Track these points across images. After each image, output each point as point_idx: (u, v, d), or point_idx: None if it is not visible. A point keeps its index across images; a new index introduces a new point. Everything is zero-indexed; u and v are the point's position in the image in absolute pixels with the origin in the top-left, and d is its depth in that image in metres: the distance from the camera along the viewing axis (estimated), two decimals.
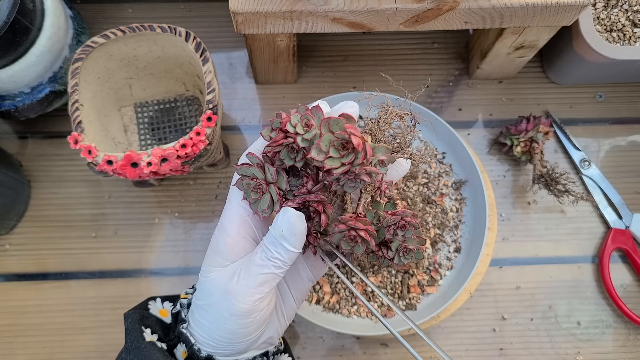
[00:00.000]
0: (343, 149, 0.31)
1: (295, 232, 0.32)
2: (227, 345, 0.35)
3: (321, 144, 0.30)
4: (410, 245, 0.33)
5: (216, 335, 0.35)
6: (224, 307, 0.33)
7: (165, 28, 0.53)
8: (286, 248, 0.32)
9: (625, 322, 0.61)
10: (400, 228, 0.33)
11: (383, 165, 0.32)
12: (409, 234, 0.33)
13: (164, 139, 0.63)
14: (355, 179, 0.31)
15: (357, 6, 0.47)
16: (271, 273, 0.33)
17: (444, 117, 0.66)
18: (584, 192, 0.65)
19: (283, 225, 0.32)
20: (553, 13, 0.49)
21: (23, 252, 0.62)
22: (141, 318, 0.38)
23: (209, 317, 0.35)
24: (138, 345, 0.35)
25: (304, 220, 0.32)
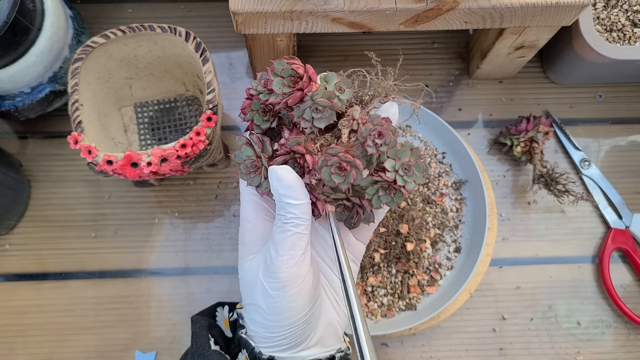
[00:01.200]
0: (293, 82, 0.32)
1: (290, 185, 0.32)
2: (284, 333, 0.34)
3: (274, 87, 0.32)
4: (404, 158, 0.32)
5: (269, 321, 0.34)
6: (267, 287, 0.33)
7: (165, 28, 0.53)
8: (291, 204, 0.32)
9: (625, 322, 0.61)
10: (378, 136, 0.32)
11: (342, 90, 0.33)
12: (388, 139, 0.32)
13: (164, 139, 0.63)
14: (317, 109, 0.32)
15: (357, 6, 0.47)
16: (294, 233, 0.32)
17: (444, 117, 0.66)
18: (584, 192, 0.65)
19: (274, 184, 0.32)
20: (553, 13, 0.49)
21: (23, 252, 0.62)
22: (209, 326, 0.38)
23: (258, 308, 0.34)
24: (204, 352, 0.36)
25: (292, 170, 0.32)
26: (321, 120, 0.32)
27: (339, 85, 0.33)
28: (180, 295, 0.61)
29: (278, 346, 0.35)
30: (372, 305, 0.58)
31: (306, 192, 0.33)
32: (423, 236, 0.59)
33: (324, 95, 0.32)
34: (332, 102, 0.32)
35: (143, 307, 0.61)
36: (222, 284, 0.61)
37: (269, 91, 0.33)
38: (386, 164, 0.32)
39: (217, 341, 0.38)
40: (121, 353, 0.60)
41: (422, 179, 0.32)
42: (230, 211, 0.64)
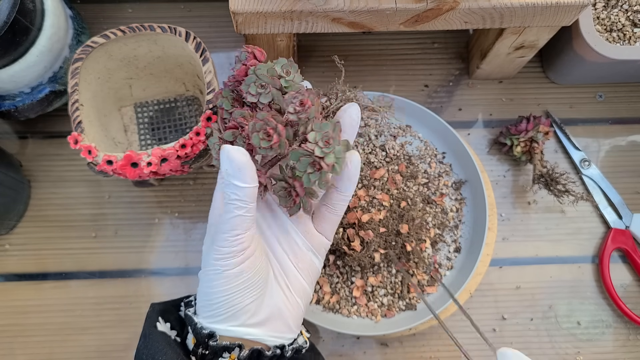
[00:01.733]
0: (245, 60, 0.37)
1: (239, 166, 0.32)
2: (220, 297, 0.35)
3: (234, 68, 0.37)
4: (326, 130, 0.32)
5: (209, 288, 0.35)
6: (211, 257, 0.35)
7: (165, 28, 0.53)
8: (237, 185, 0.32)
9: (625, 322, 0.61)
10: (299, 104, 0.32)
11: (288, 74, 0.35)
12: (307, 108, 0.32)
13: (164, 139, 0.63)
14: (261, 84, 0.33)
15: (357, 6, 0.47)
16: (236, 216, 0.33)
17: (444, 117, 0.66)
18: (584, 192, 0.65)
19: (224, 163, 0.33)
20: (553, 13, 0.49)
21: (23, 252, 0.62)
22: (163, 311, 0.40)
23: (204, 277, 0.36)
24: (148, 332, 0.37)
25: (245, 152, 0.32)
26: (265, 97, 0.33)
27: (286, 68, 0.34)
28: (180, 295, 0.61)
29: (216, 315, 0.36)
30: (372, 305, 0.58)
31: (254, 177, 0.33)
32: (423, 236, 0.59)
33: (265, 70, 0.33)
34: (273, 78, 0.33)
35: (143, 307, 0.61)
36: None
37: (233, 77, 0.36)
38: (308, 136, 0.32)
39: (174, 326, 0.39)
40: (121, 353, 0.60)
41: (340, 154, 0.32)
42: None
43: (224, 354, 0.36)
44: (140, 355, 0.36)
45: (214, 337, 0.36)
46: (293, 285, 0.38)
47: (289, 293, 0.38)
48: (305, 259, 0.38)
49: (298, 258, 0.38)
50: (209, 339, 0.36)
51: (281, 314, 0.37)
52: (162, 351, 0.35)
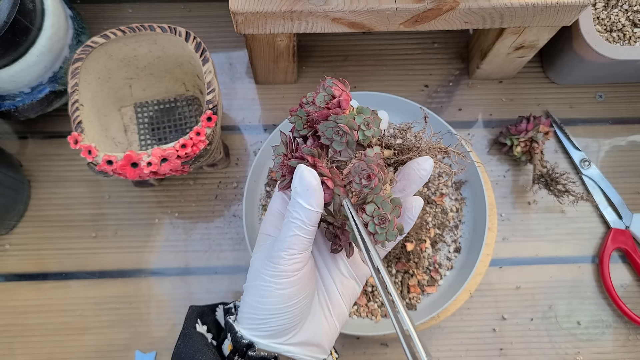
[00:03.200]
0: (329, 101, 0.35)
1: (308, 187, 0.33)
2: (267, 315, 0.36)
3: (316, 100, 0.35)
4: (386, 209, 0.33)
5: (258, 303, 0.36)
6: (264, 272, 0.35)
7: (165, 28, 0.53)
8: (302, 205, 0.33)
9: (625, 322, 0.61)
10: (366, 178, 0.33)
11: (369, 127, 0.34)
12: (372, 184, 0.32)
13: (164, 139, 0.63)
14: (338, 131, 0.33)
15: (357, 6, 0.47)
16: (295, 235, 0.34)
17: (444, 117, 0.66)
18: (584, 192, 0.65)
19: (295, 181, 0.33)
20: (553, 13, 0.49)
21: (23, 252, 0.62)
22: (201, 313, 0.41)
23: (253, 289, 0.36)
24: (188, 332, 0.38)
25: (317, 176, 0.33)
26: (338, 144, 0.34)
27: (367, 121, 0.34)
28: (180, 295, 0.61)
29: (259, 330, 0.36)
30: (372, 305, 0.58)
31: (321, 202, 0.34)
32: (423, 236, 0.59)
33: (347, 123, 0.33)
34: (351, 130, 0.33)
35: (143, 307, 0.61)
36: (222, 284, 0.61)
37: (312, 103, 0.35)
38: (367, 207, 0.33)
39: (210, 328, 0.40)
40: (121, 353, 0.60)
41: (393, 237, 0.33)
42: (230, 211, 0.64)
43: None
44: (179, 354, 0.37)
45: (253, 348, 0.36)
46: (335, 310, 0.39)
47: (330, 317, 0.39)
48: (348, 285, 0.40)
49: (343, 285, 0.39)
50: (247, 349, 0.36)
51: (320, 338, 0.38)
52: (202, 351, 0.36)
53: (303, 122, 0.36)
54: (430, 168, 0.37)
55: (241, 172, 0.65)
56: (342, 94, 0.34)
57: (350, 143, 0.34)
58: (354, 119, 0.34)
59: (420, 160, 0.36)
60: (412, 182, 0.37)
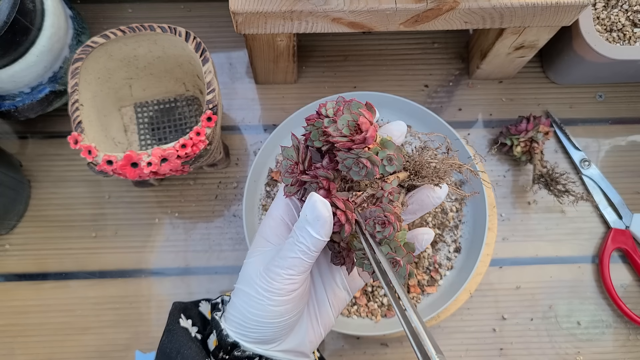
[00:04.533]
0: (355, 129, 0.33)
1: (318, 218, 0.32)
2: (256, 325, 0.36)
3: (339, 121, 0.33)
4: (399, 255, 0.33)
5: (248, 312, 0.36)
6: (259, 284, 0.35)
7: (165, 28, 0.53)
8: (310, 233, 0.33)
9: (625, 322, 0.61)
10: (380, 224, 0.32)
11: (391, 163, 0.33)
12: (387, 232, 0.32)
13: (164, 139, 0.63)
14: (358, 162, 0.32)
15: (357, 6, 0.47)
16: (297, 258, 0.34)
17: (444, 117, 0.66)
18: (584, 192, 0.65)
19: (307, 209, 0.33)
20: (553, 13, 0.49)
21: (23, 252, 0.62)
22: (185, 308, 0.41)
23: (244, 296, 0.36)
24: (171, 328, 0.38)
25: (329, 208, 0.33)
26: (356, 175, 0.33)
27: (390, 157, 0.33)
28: (180, 295, 0.61)
29: (245, 336, 0.37)
30: (372, 305, 0.58)
31: (329, 233, 0.33)
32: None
33: (369, 158, 0.33)
34: (373, 167, 0.33)
35: (143, 307, 0.61)
36: (222, 284, 0.61)
37: (333, 121, 0.34)
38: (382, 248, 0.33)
39: (195, 322, 0.40)
40: (121, 353, 0.60)
41: (401, 280, 0.33)
42: (230, 211, 0.64)
43: None
44: (164, 349, 0.37)
45: (238, 348, 0.37)
46: (323, 319, 0.39)
47: (317, 325, 0.39)
48: (340, 296, 0.40)
49: (335, 295, 0.39)
50: (232, 348, 0.37)
51: (304, 346, 0.39)
52: (187, 345, 0.36)
53: (319, 134, 0.35)
54: (444, 196, 0.36)
55: (241, 172, 0.65)
56: (370, 130, 0.33)
57: (370, 175, 0.33)
58: (377, 154, 0.33)
59: (436, 190, 0.36)
60: (425, 208, 0.37)
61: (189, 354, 0.36)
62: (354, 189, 0.36)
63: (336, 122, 0.33)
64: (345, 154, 0.33)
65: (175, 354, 0.36)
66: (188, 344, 0.37)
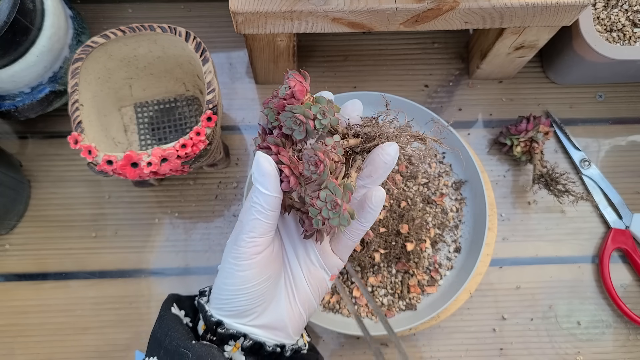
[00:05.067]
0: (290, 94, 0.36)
1: (264, 173, 0.34)
2: (229, 295, 0.37)
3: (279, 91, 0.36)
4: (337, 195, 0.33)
5: (222, 284, 0.37)
6: (229, 255, 0.37)
7: (165, 28, 0.53)
8: (260, 191, 0.35)
9: (625, 322, 0.61)
10: (313, 164, 0.33)
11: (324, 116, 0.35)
12: (319, 170, 0.33)
13: (164, 139, 0.63)
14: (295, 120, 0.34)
15: (357, 6, 0.47)
16: (255, 219, 0.35)
17: (444, 117, 0.66)
18: (584, 192, 0.65)
19: (253, 168, 0.35)
20: (553, 13, 0.49)
21: (23, 252, 0.62)
22: (178, 299, 0.42)
23: (220, 272, 0.38)
24: (162, 314, 0.40)
25: (272, 162, 0.35)
26: (298, 134, 0.35)
27: (322, 110, 0.35)
28: None
29: (223, 310, 0.38)
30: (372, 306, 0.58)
31: (277, 187, 0.35)
32: (423, 236, 0.59)
33: (303, 113, 0.34)
34: (307, 120, 0.34)
35: (143, 307, 0.61)
36: None
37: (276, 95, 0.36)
38: (320, 192, 0.34)
39: (187, 312, 0.42)
40: (121, 353, 0.60)
41: (345, 222, 0.34)
42: (230, 211, 0.64)
43: (230, 342, 0.38)
44: (155, 335, 0.39)
45: (222, 325, 0.38)
46: (300, 296, 0.40)
47: (295, 303, 0.40)
48: (317, 275, 0.40)
49: (311, 273, 0.40)
50: (217, 327, 0.38)
51: (283, 323, 0.39)
52: (175, 328, 0.38)
53: (274, 113, 0.37)
54: (395, 153, 0.36)
55: (241, 172, 0.65)
56: (297, 85, 0.35)
57: (310, 132, 0.35)
58: (310, 109, 0.35)
59: (384, 146, 0.36)
60: (378, 168, 0.37)
61: (176, 335, 0.37)
62: None
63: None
64: (283, 115, 0.35)
65: (164, 337, 0.38)
66: (176, 327, 0.38)
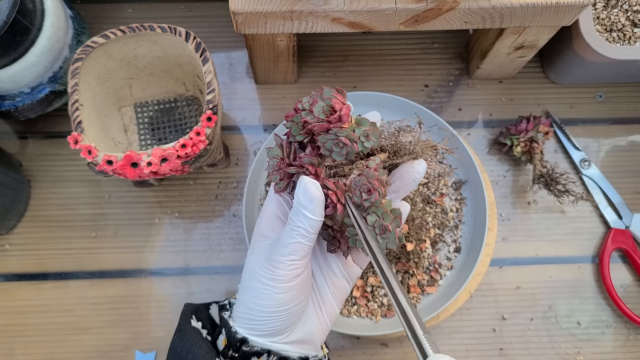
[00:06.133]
0: (329, 112, 0.35)
1: (311, 199, 0.34)
2: (264, 316, 0.37)
3: (315, 109, 0.35)
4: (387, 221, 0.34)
5: (255, 305, 0.37)
6: (262, 275, 0.36)
7: (165, 28, 0.53)
8: (306, 215, 0.34)
9: (625, 322, 0.61)
10: (366, 191, 0.33)
11: (368, 138, 0.35)
12: (373, 198, 0.33)
13: (164, 139, 0.63)
14: (338, 142, 0.34)
15: (357, 6, 0.47)
16: (297, 242, 0.35)
17: (444, 117, 0.66)
18: (584, 192, 0.65)
19: (299, 193, 0.34)
20: (553, 13, 0.49)
21: (23, 252, 0.62)
22: (196, 310, 0.42)
23: (250, 290, 0.37)
24: (183, 327, 0.39)
25: (319, 187, 0.34)
26: (338, 155, 0.35)
27: (367, 133, 0.35)
28: (180, 295, 0.61)
29: (254, 329, 0.37)
30: (372, 305, 0.58)
31: (323, 212, 0.35)
32: (423, 236, 0.59)
33: (347, 136, 0.34)
34: (352, 143, 0.34)
35: (143, 307, 0.61)
36: (222, 284, 0.61)
37: (310, 111, 0.35)
38: (368, 218, 0.34)
39: (205, 324, 0.41)
40: (121, 353, 0.60)
41: (393, 246, 0.34)
42: (230, 211, 0.64)
43: (252, 359, 0.37)
44: (175, 349, 0.38)
45: (247, 343, 0.37)
46: (327, 308, 0.40)
47: (322, 316, 0.40)
48: (340, 285, 0.41)
49: (335, 284, 0.40)
50: (241, 344, 0.37)
51: (312, 336, 0.39)
52: (198, 344, 0.37)
53: (299, 128, 0.36)
54: (424, 171, 0.38)
55: (241, 172, 0.65)
56: (343, 108, 0.35)
57: (350, 154, 0.35)
58: (354, 132, 0.35)
59: (414, 164, 0.37)
60: (406, 185, 0.38)
61: (200, 352, 0.37)
62: (338, 174, 0.37)
63: (312, 111, 0.35)
64: (325, 137, 0.34)
65: (186, 353, 0.37)
66: (199, 343, 0.38)
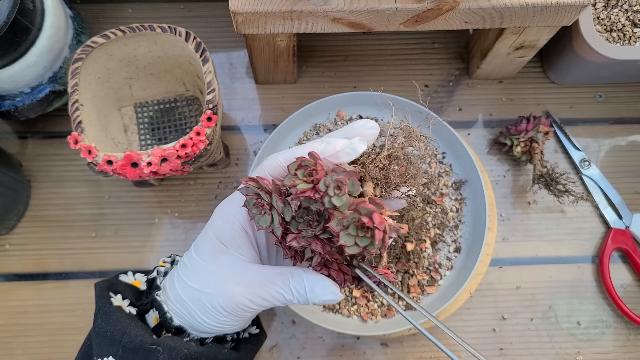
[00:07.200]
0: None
1: (325, 302, 0.35)
2: (205, 327, 0.37)
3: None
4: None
5: (200, 319, 0.36)
6: (221, 302, 0.35)
7: (165, 28, 0.53)
8: (307, 301, 0.35)
9: (625, 322, 0.61)
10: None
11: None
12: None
13: (164, 139, 0.63)
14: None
15: (357, 6, 0.47)
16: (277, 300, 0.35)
17: (444, 117, 0.66)
18: (584, 192, 0.65)
19: (322, 296, 0.34)
20: (553, 13, 0.49)
21: (23, 252, 0.62)
22: (109, 285, 0.39)
23: (200, 303, 0.35)
24: (106, 310, 0.36)
25: (338, 292, 0.35)
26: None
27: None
28: None
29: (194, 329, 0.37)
30: (372, 305, 0.58)
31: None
32: (423, 236, 0.59)
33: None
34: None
35: None
36: None
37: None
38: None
39: (125, 295, 0.39)
40: None
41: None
42: None
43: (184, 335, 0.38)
44: (104, 334, 0.36)
45: (185, 333, 0.38)
46: None
47: None
48: None
49: None
50: (177, 332, 0.37)
51: None
52: (131, 324, 0.35)
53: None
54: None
55: (241, 172, 0.65)
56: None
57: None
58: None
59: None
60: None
61: (136, 332, 0.35)
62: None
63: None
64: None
65: (120, 335, 0.35)
66: (132, 323, 0.36)
